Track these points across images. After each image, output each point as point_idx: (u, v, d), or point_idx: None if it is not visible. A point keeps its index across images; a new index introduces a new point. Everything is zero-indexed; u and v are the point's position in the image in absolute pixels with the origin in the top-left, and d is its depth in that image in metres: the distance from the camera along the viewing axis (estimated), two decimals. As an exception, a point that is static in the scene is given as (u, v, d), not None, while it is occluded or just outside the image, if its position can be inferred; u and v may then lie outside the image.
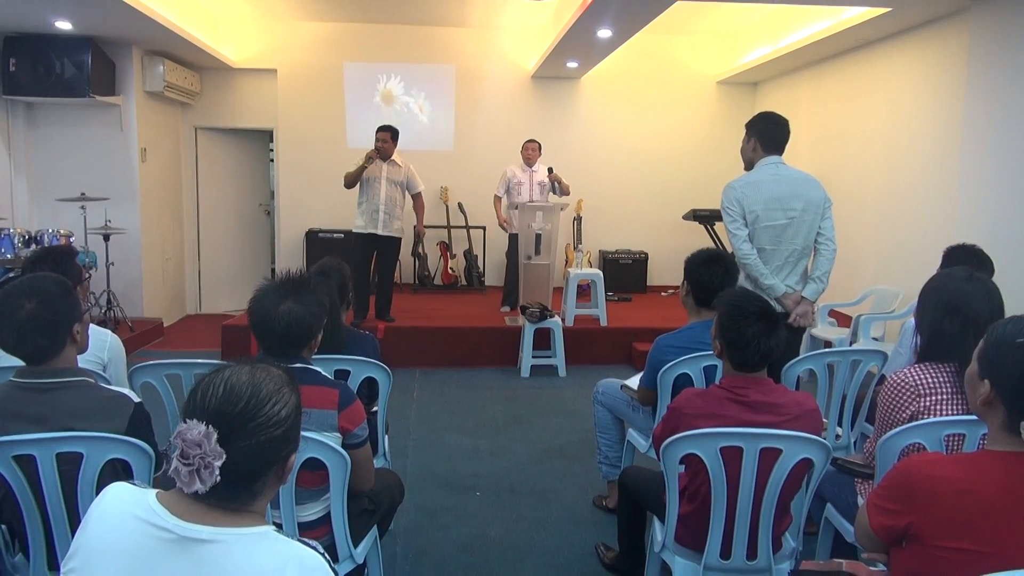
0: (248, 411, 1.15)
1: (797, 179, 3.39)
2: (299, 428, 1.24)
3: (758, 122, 3.47)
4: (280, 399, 1.19)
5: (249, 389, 1.17)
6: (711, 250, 3.06)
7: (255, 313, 2.07)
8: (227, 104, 8.20)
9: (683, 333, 2.96)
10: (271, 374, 1.22)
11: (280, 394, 1.20)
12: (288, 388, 1.22)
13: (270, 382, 1.20)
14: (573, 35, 6.33)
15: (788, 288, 3.37)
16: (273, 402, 1.18)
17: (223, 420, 1.13)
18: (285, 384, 1.22)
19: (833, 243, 3.40)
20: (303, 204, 8.24)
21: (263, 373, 1.21)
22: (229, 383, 1.17)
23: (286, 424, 1.19)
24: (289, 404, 1.20)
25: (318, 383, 2.09)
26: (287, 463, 1.21)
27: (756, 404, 2.11)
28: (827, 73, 7.10)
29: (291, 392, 1.22)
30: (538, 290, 6.32)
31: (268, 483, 1.19)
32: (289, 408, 1.20)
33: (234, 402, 1.15)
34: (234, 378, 1.18)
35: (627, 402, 3.31)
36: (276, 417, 1.17)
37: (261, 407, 1.16)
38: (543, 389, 5.64)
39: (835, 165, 6.86)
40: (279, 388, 1.20)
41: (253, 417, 1.15)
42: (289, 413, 1.20)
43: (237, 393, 1.16)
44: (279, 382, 1.21)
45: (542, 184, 6.97)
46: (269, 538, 1.15)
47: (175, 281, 8.02)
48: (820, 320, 5.75)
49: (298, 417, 1.23)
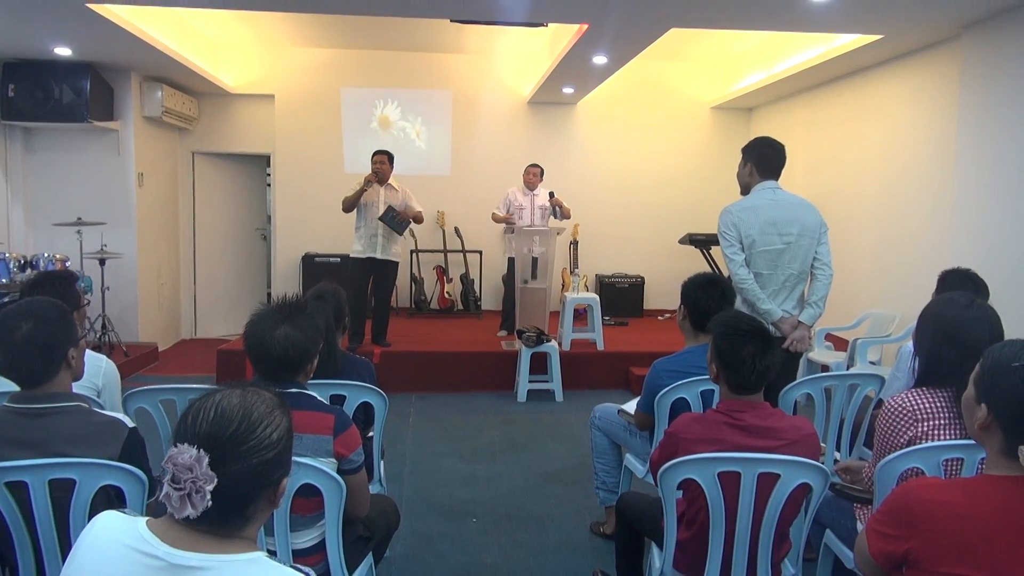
0: (240, 434, 1.15)
1: (793, 204, 3.41)
2: (291, 451, 1.24)
3: (754, 147, 3.49)
4: (272, 422, 1.19)
5: (240, 412, 1.17)
6: (708, 274, 3.08)
7: (251, 337, 2.07)
8: (225, 129, 8.24)
9: (680, 357, 2.96)
10: (262, 397, 1.22)
11: (271, 417, 1.19)
12: (279, 411, 1.22)
13: (261, 405, 1.20)
14: (569, 61, 6.40)
15: (785, 313, 3.37)
16: (265, 425, 1.17)
17: (214, 444, 1.12)
18: (276, 407, 1.22)
19: (829, 268, 3.42)
20: (300, 228, 8.26)
21: (254, 396, 1.21)
22: (220, 406, 1.17)
23: (278, 447, 1.18)
24: (281, 427, 1.20)
25: (313, 408, 2.08)
26: (279, 487, 1.20)
27: (754, 428, 2.11)
28: (821, 99, 7.17)
29: (282, 415, 1.22)
30: (534, 314, 6.32)
31: (260, 507, 1.18)
32: (281, 431, 1.20)
33: (225, 425, 1.14)
34: (225, 401, 1.18)
35: (624, 427, 3.30)
36: (268, 440, 1.17)
37: (253, 430, 1.16)
38: (540, 414, 5.62)
39: (830, 190, 6.91)
40: (270, 411, 1.20)
41: (245, 440, 1.15)
42: (281, 436, 1.20)
43: (228, 416, 1.15)
44: (270, 405, 1.21)
45: (543, 208, 6.99)
46: (261, 564, 1.14)
47: (170, 306, 8.01)
48: (817, 344, 5.75)
49: (290, 440, 1.23)
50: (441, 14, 5.32)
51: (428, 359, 6.30)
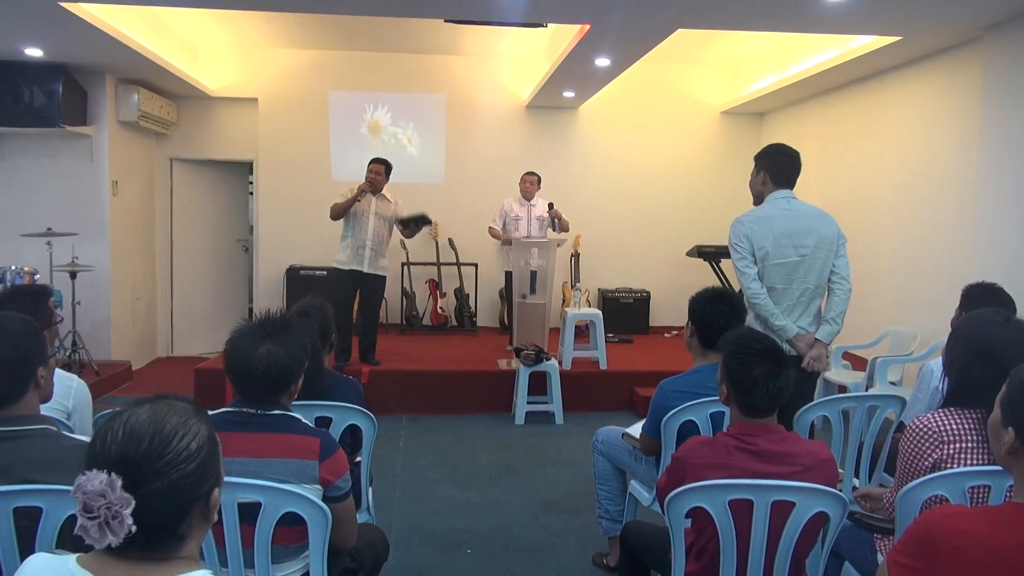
0: (153, 450, 1.14)
1: (809, 214, 3.42)
2: (216, 459, 1.23)
3: (768, 154, 3.51)
4: (187, 432, 1.18)
5: (151, 427, 1.16)
6: (717, 288, 3.08)
7: (231, 356, 2.07)
8: (205, 134, 8.27)
9: (688, 377, 2.96)
10: (174, 407, 1.21)
11: (187, 427, 1.19)
12: (196, 419, 1.22)
13: (174, 416, 1.19)
14: (570, 63, 6.44)
15: (800, 329, 3.38)
16: (180, 436, 1.17)
17: (127, 465, 1.12)
18: (192, 415, 1.22)
19: (848, 282, 3.42)
20: (284, 240, 8.26)
21: (165, 408, 1.20)
22: (128, 424, 1.16)
23: (199, 457, 1.18)
24: (199, 435, 1.20)
25: (298, 431, 2.08)
26: (210, 499, 1.20)
27: (767, 453, 2.10)
28: (836, 103, 7.22)
29: (199, 422, 1.22)
30: (533, 331, 6.33)
31: (194, 524, 1.18)
32: (200, 440, 1.19)
33: (136, 443, 1.14)
34: (134, 419, 1.17)
35: (629, 451, 3.29)
36: (186, 451, 1.16)
37: (167, 444, 1.16)
38: (539, 437, 5.61)
39: (845, 199, 6.94)
40: (185, 420, 1.20)
41: (160, 455, 1.14)
42: (200, 445, 1.19)
43: (138, 433, 1.15)
44: (184, 414, 1.21)
45: (541, 219, 7.03)
46: None
47: (146, 322, 8.00)
48: (834, 363, 5.76)
49: (213, 448, 1.22)
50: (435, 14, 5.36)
51: (420, 379, 6.29)
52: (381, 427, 2.93)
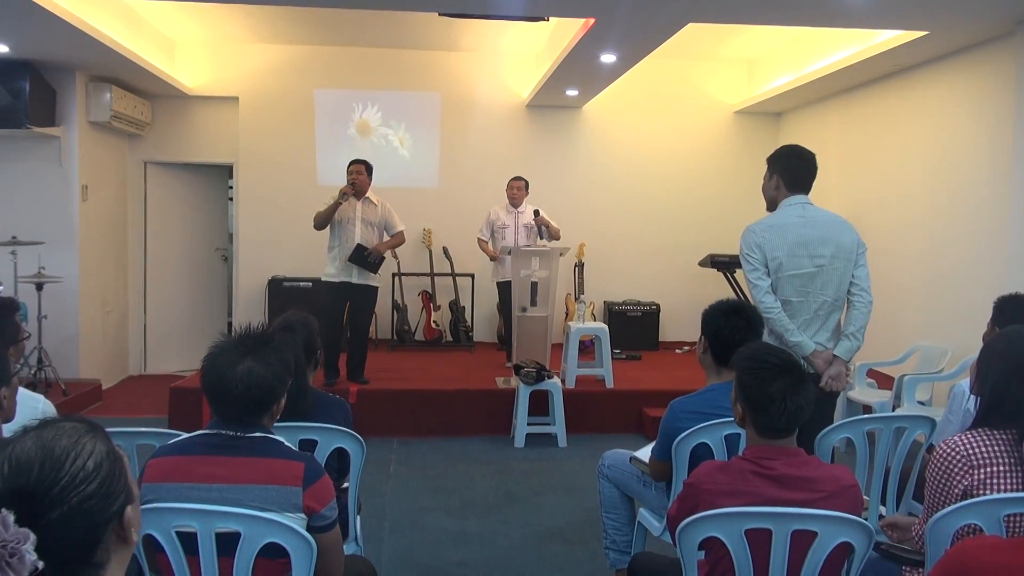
0: (45, 478, 1.14)
1: (826, 221, 3.42)
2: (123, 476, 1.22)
3: (780, 157, 3.52)
4: (81, 451, 1.18)
5: (40, 454, 1.16)
6: (732, 301, 3.07)
7: (209, 374, 2.07)
8: (181, 136, 8.29)
9: (701, 396, 2.96)
10: (62, 429, 1.21)
11: (79, 446, 1.19)
12: (89, 436, 1.21)
13: (63, 437, 1.19)
14: (573, 60, 6.47)
15: (818, 346, 3.37)
16: (73, 457, 1.17)
17: (18, 498, 1.12)
18: (84, 433, 1.21)
19: (868, 294, 3.42)
20: (266, 249, 8.27)
21: (52, 431, 1.20)
22: (14, 456, 1.16)
23: (98, 476, 1.17)
24: (96, 453, 1.19)
25: (280, 455, 2.07)
26: (123, 518, 1.20)
27: (786, 479, 2.10)
28: (858, 103, 7.25)
29: (93, 440, 1.21)
30: (534, 347, 6.32)
31: (111, 548, 1.18)
32: (97, 457, 1.19)
33: (25, 474, 1.13)
34: (19, 448, 1.17)
35: (637, 477, 3.28)
36: (82, 472, 1.16)
37: (59, 468, 1.15)
38: (540, 462, 5.60)
39: (868, 205, 6.95)
40: (76, 440, 1.19)
41: (55, 482, 1.14)
42: (99, 463, 1.19)
43: (26, 463, 1.14)
44: (75, 433, 1.20)
45: (528, 227, 7.05)
46: None
47: (117, 337, 7.99)
48: (857, 381, 5.75)
49: (115, 464, 1.22)
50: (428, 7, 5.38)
51: (412, 398, 6.28)
52: (370, 451, 2.93)
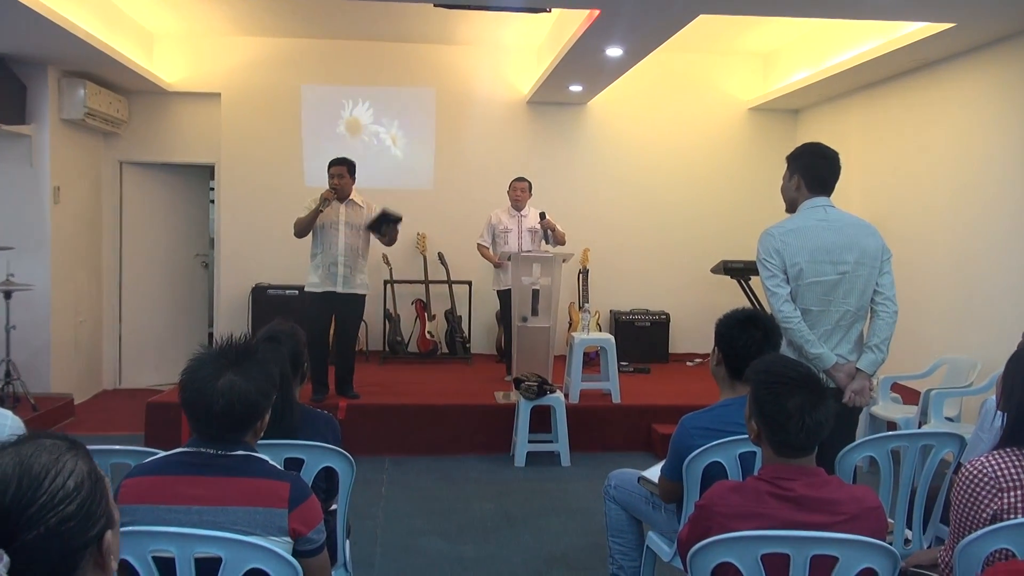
0: (22, 496, 1.14)
1: (849, 225, 3.42)
2: (103, 497, 1.22)
3: (803, 155, 3.52)
4: (61, 469, 1.18)
5: (17, 470, 1.16)
6: (747, 310, 3.07)
7: (188, 388, 2.07)
8: (160, 134, 8.30)
9: (714, 412, 2.95)
10: (42, 446, 1.21)
11: (60, 464, 1.19)
12: (70, 454, 1.22)
13: (42, 454, 1.19)
14: (577, 54, 6.48)
15: (840, 358, 3.37)
16: (53, 475, 1.17)
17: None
18: (65, 451, 1.22)
19: (894, 303, 3.42)
20: (249, 255, 8.28)
21: (31, 447, 1.20)
22: None
23: (78, 496, 1.18)
24: (76, 472, 1.19)
25: (264, 475, 2.07)
26: (102, 543, 1.20)
27: (805, 500, 2.10)
28: (880, 99, 7.26)
29: (75, 458, 1.21)
30: (535, 359, 6.31)
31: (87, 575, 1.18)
32: (77, 477, 1.19)
33: (1, 492, 1.14)
34: None
35: (646, 498, 3.28)
36: (62, 492, 1.16)
37: (38, 486, 1.15)
38: (542, 482, 5.59)
39: (891, 208, 6.96)
40: (56, 458, 1.19)
41: (32, 500, 1.14)
42: (79, 482, 1.19)
43: (2, 481, 1.15)
44: (55, 451, 1.21)
45: (533, 231, 7.09)
46: None
47: (91, 348, 7.99)
48: (881, 396, 5.75)
49: (96, 485, 1.22)
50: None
51: (405, 414, 6.28)
52: (360, 470, 2.92)
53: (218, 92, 8.22)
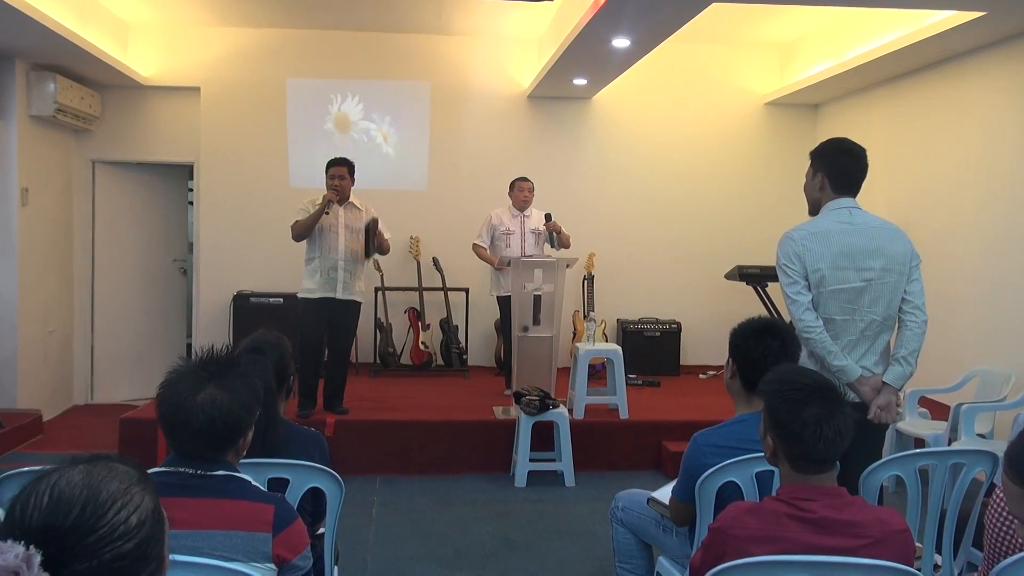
0: (84, 522, 1.14)
1: (876, 229, 3.42)
2: (161, 541, 1.23)
3: (828, 152, 3.51)
4: (128, 502, 1.19)
5: (84, 493, 1.16)
6: (764, 319, 3.08)
7: (165, 403, 2.07)
8: (135, 131, 8.31)
9: (728, 428, 2.95)
10: (115, 471, 1.22)
11: (127, 496, 1.19)
12: (139, 487, 1.22)
13: (113, 481, 1.20)
14: (581, 45, 6.49)
15: (865, 371, 3.37)
16: (119, 507, 1.17)
17: (51, 538, 1.12)
18: (135, 483, 1.22)
19: (923, 312, 3.42)
20: (231, 260, 8.28)
21: (103, 471, 1.21)
22: (57, 488, 1.16)
23: (139, 535, 1.18)
24: (142, 508, 1.20)
25: (247, 497, 2.07)
26: None
27: (826, 522, 2.10)
28: (906, 93, 7.27)
29: (143, 492, 1.22)
30: (537, 371, 6.31)
31: None
32: (142, 513, 1.20)
33: (64, 512, 1.14)
34: (64, 481, 1.17)
35: (656, 521, 3.28)
36: (123, 526, 1.17)
37: (102, 515, 1.16)
38: (544, 503, 5.58)
39: (917, 210, 6.96)
40: (126, 489, 1.20)
41: (92, 529, 1.14)
42: (142, 519, 1.19)
43: (68, 500, 1.15)
44: (126, 480, 1.21)
45: (536, 233, 7.09)
46: None
47: (60, 361, 7.98)
48: (908, 411, 5.74)
49: (157, 525, 1.22)
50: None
51: (397, 431, 6.27)
52: (349, 491, 2.92)
53: (197, 86, 8.22)
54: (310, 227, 6.18)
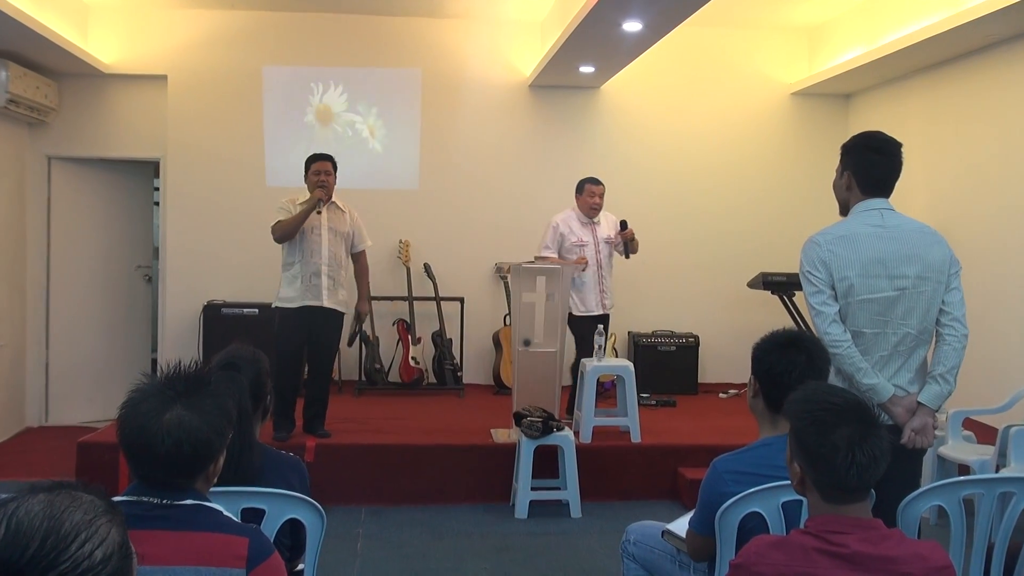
0: (43, 556, 1.15)
1: (911, 232, 3.42)
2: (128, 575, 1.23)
3: (854, 148, 3.51)
4: (93, 535, 1.19)
5: (45, 524, 1.17)
6: (788, 331, 3.06)
7: (128, 425, 2.06)
8: (96, 125, 8.32)
9: (752, 453, 2.95)
10: (79, 501, 1.22)
11: (92, 528, 1.20)
12: (105, 519, 1.23)
13: (76, 512, 1.20)
14: (588, 29, 6.50)
15: (898, 390, 3.36)
16: (83, 540, 1.18)
17: (7, 573, 1.13)
18: (101, 514, 1.23)
19: (963, 325, 3.41)
20: (200, 267, 8.28)
21: (66, 500, 1.21)
22: (15, 519, 1.17)
23: (104, 571, 1.19)
24: (108, 542, 1.20)
25: (218, 528, 2.07)
26: None
27: (860, 558, 2.09)
28: (946, 82, 7.28)
29: (109, 524, 1.23)
30: (540, 390, 6.30)
31: None
32: (108, 547, 1.20)
33: (23, 545, 1.15)
34: (22, 511, 1.18)
35: (671, 556, 3.27)
36: (87, 561, 1.17)
37: (64, 549, 1.16)
38: (548, 536, 5.57)
39: (960, 211, 6.97)
40: (91, 520, 1.21)
41: (53, 564, 1.15)
42: (108, 554, 1.20)
43: (26, 532, 1.16)
44: (91, 511, 1.22)
45: (610, 243, 6.90)
46: None
47: (11, 378, 7.98)
48: (951, 434, 5.73)
49: (124, 561, 1.22)
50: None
51: (385, 456, 6.26)
52: (332, 522, 2.92)
53: (164, 74, 8.24)
54: (297, 227, 6.12)
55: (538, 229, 7.09)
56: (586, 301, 6.78)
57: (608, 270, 6.90)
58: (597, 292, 6.79)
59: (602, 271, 6.84)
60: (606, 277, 6.87)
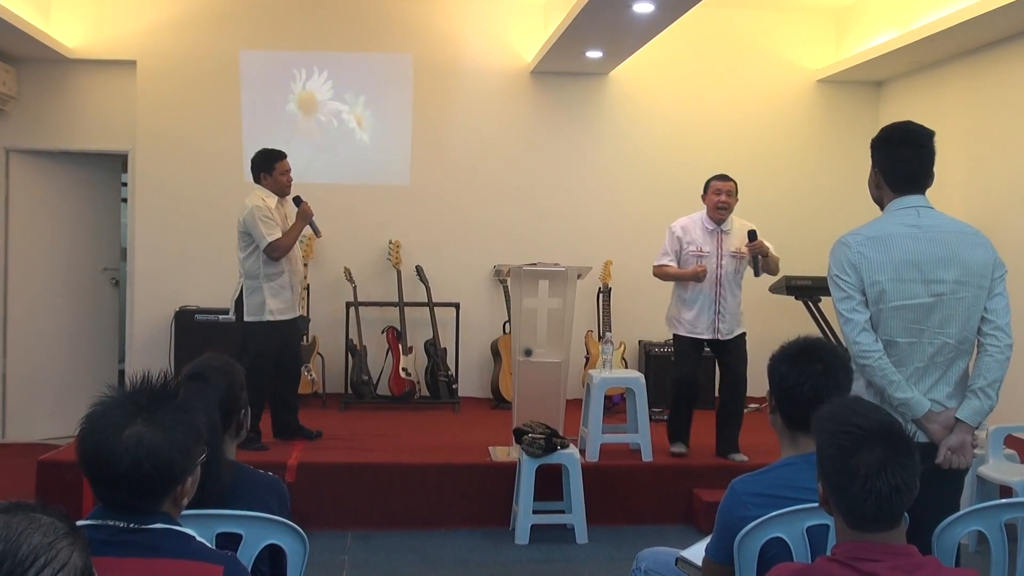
0: None
1: (949, 233, 3.42)
2: None
3: (878, 143, 3.51)
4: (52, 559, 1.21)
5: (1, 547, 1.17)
6: (804, 339, 3.04)
7: (86, 441, 2.06)
8: (58, 114, 8.32)
9: (773, 473, 2.95)
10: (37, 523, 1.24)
11: (52, 552, 1.21)
12: (66, 542, 1.24)
13: (35, 535, 1.22)
14: (595, 10, 6.50)
15: (935, 405, 3.36)
16: (41, 565, 1.19)
17: None
18: (61, 537, 1.24)
19: (1007, 334, 3.40)
20: (172, 269, 8.28)
21: (24, 522, 1.23)
22: None
23: None
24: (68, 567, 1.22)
25: (189, 555, 2.06)
26: None
27: (892, 588, 2.09)
28: (987, 68, 7.28)
29: (70, 548, 1.24)
30: (543, 404, 6.30)
31: None
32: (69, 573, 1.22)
33: None
34: None
35: (686, 585, 3.27)
36: None
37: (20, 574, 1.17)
38: (551, 564, 5.57)
39: (1003, 209, 6.96)
40: (50, 543, 1.22)
41: None
42: None
43: None
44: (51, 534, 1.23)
45: (738, 257, 6.49)
46: None
47: (-35, 391, 7.98)
48: (992, 453, 5.73)
49: None
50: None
51: (373, 475, 6.26)
52: (315, 548, 2.91)
53: (133, 60, 8.24)
54: (294, 241, 6.28)
55: (539, 228, 7.11)
56: (696, 321, 6.47)
57: (732, 289, 6.47)
58: (711, 313, 6.42)
59: (721, 288, 6.41)
60: (726, 297, 6.43)
